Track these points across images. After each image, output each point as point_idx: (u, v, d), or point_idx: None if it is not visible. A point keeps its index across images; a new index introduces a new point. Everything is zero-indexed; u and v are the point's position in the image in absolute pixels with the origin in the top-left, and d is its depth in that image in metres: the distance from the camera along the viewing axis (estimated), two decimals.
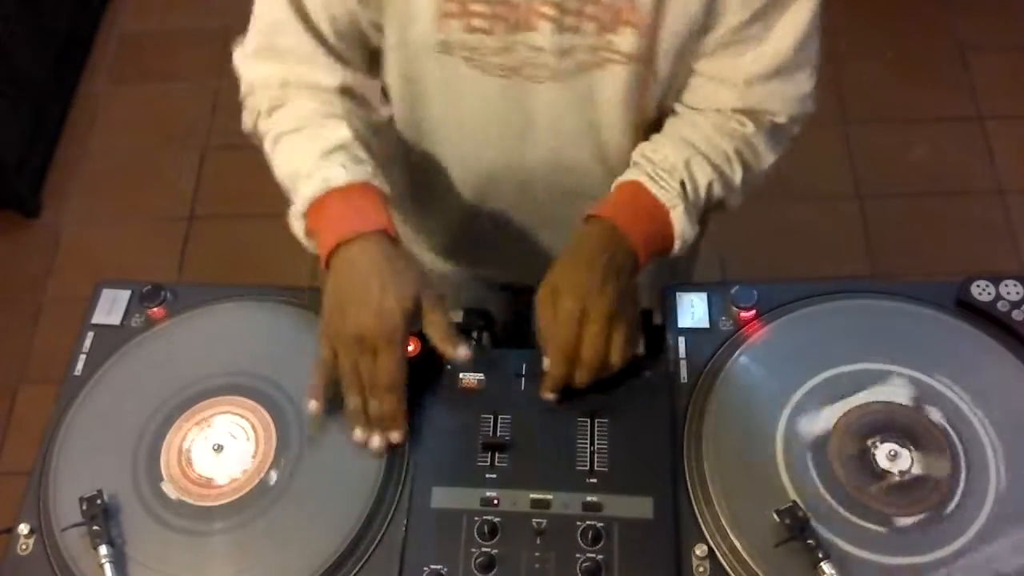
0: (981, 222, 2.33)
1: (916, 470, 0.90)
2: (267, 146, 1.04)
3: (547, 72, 0.97)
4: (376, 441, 0.94)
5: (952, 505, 0.89)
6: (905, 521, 0.88)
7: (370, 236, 0.95)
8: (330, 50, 1.01)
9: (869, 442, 0.92)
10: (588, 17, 0.92)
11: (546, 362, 0.95)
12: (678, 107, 1.05)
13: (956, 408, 0.94)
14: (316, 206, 0.97)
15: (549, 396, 0.96)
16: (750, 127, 1.02)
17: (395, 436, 0.94)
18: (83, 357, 1.06)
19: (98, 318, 1.09)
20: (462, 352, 0.96)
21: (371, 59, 1.04)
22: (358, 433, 0.94)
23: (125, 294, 1.10)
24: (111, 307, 1.09)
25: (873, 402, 0.95)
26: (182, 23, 2.82)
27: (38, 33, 2.61)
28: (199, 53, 2.67)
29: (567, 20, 0.92)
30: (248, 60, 1.05)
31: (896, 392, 0.95)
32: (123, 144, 2.66)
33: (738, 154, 1.02)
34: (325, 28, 0.99)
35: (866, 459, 0.91)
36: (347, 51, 1.02)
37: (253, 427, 0.98)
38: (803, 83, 1.01)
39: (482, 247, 1.26)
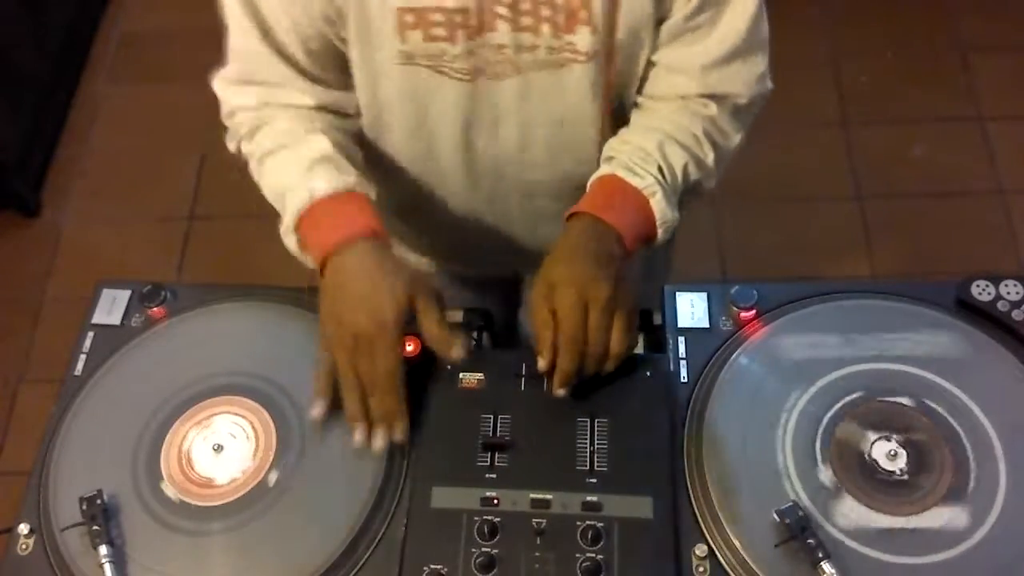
0: (981, 222, 2.33)
1: (916, 470, 0.90)
2: (253, 168, 1.06)
3: (510, 68, 0.98)
4: (378, 440, 0.94)
5: (952, 506, 0.89)
6: (905, 521, 0.88)
7: (359, 241, 0.95)
8: (304, 74, 1.03)
9: (869, 442, 0.92)
10: (542, 19, 0.93)
11: (541, 362, 0.95)
12: (640, 100, 1.06)
13: (956, 408, 0.94)
14: (304, 219, 0.98)
15: (561, 392, 0.95)
16: (713, 108, 1.03)
17: (397, 434, 0.94)
18: (83, 357, 1.06)
19: (98, 318, 1.09)
20: (456, 353, 0.95)
21: (347, 75, 1.05)
22: (358, 435, 0.94)
23: (125, 294, 1.10)
24: (111, 307, 1.09)
25: (873, 402, 0.95)
26: (182, 23, 2.81)
27: (38, 32, 2.61)
28: (199, 53, 2.64)
29: (523, 20, 0.93)
30: (228, 86, 1.07)
31: (896, 392, 0.95)
32: (123, 144, 2.66)
33: (707, 135, 1.03)
34: (298, 54, 1.00)
35: (866, 459, 0.91)
36: (322, 72, 1.03)
37: (253, 427, 0.98)
38: (758, 63, 1.02)
39: (454, 243, 1.28)
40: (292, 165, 1.01)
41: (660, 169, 1.00)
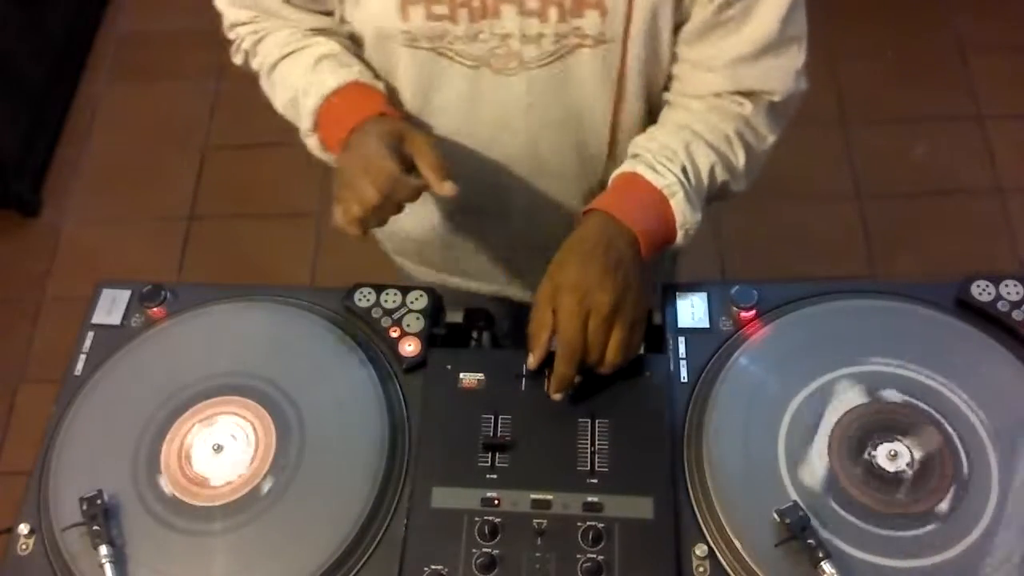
0: (981, 222, 2.33)
1: (916, 471, 0.90)
2: (263, 83, 1.09)
3: (516, 63, 0.97)
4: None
5: (952, 506, 0.89)
6: (905, 521, 0.88)
7: (367, 120, 0.97)
8: (297, 7, 1.04)
9: (869, 442, 0.92)
10: (550, 3, 0.92)
11: (531, 359, 0.95)
12: (671, 97, 1.04)
13: (956, 408, 0.94)
14: (321, 118, 1.01)
15: (557, 397, 0.95)
16: (748, 107, 1.01)
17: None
18: (83, 357, 1.06)
19: (98, 318, 1.09)
20: (448, 188, 0.93)
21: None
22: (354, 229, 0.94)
23: (125, 294, 1.10)
24: (111, 307, 1.09)
25: (873, 402, 0.95)
26: (182, 23, 2.81)
27: (37, 33, 2.61)
28: (199, 53, 2.66)
29: (529, 3, 0.92)
30: (224, 4, 1.08)
31: (896, 392, 0.95)
32: (123, 144, 2.66)
33: (739, 135, 1.01)
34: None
35: (866, 459, 0.91)
36: (316, 6, 1.05)
37: (253, 427, 0.98)
38: (795, 57, 0.99)
39: (459, 253, 1.25)
40: (298, 68, 1.03)
41: (684, 169, 0.97)
